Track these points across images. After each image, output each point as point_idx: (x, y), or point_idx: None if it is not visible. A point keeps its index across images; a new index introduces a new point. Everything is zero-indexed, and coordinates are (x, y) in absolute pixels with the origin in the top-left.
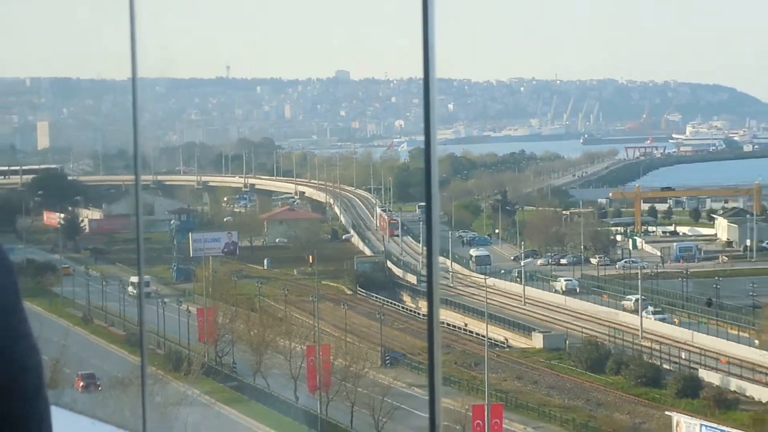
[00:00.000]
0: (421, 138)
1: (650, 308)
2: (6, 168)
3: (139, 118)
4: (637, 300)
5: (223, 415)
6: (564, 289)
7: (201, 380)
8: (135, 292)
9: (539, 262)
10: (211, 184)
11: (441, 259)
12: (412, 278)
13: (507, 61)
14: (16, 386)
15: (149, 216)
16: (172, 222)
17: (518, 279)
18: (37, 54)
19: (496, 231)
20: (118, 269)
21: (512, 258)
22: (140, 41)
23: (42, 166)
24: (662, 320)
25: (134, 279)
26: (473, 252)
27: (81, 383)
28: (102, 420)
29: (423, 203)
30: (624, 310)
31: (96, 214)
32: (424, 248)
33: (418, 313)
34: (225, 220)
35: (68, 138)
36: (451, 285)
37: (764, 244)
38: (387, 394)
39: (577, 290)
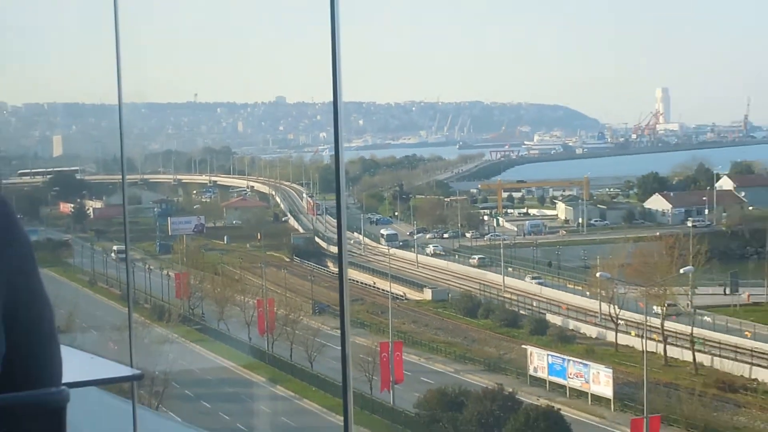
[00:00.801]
0: (349, 146)
1: (509, 269)
2: (30, 171)
3: (128, 132)
4: (480, 258)
5: (194, 351)
6: (432, 252)
7: (177, 326)
8: (115, 257)
9: (428, 236)
10: (184, 181)
11: (356, 235)
12: (333, 249)
13: (402, 87)
14: (34, 331)
15: (138, 205)
16: (155, 209)
17: (413, 249)
18: (52, 84)
19: (396, 213)
20: (114, 244)
21: (408, 234)
22: (126, 75)
23: (57, 169)
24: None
25: (115, 247)
26: (383, 231)
27: None
28: (100, 355)
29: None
30: (471, 265)
31: (98, 204)
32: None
33: (337, 271)
34: (194, 207)
35: (76, 148)
36: (363, 254)
37: (592, 222)
38: (316, 335)
39: (442, 253)
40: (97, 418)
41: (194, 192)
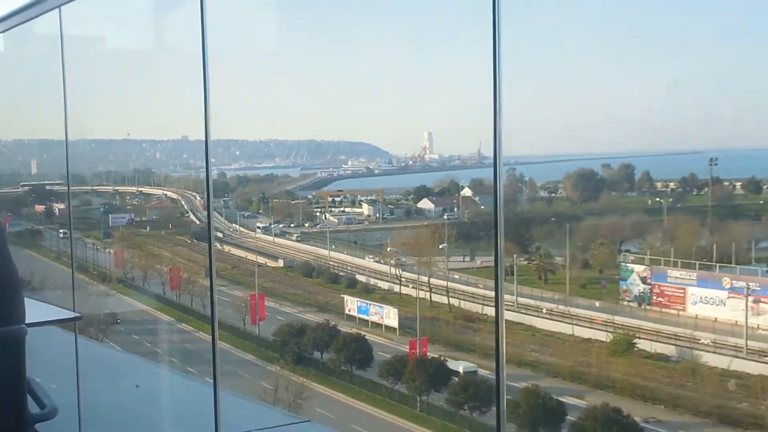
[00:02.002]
0: (224, 167)
1: (333, 246)
2: (19, 184)
3: (81, 158)
4: (297, 236)
5: (125, 301)
6: (268, 232)
7: (115, 285)
8: (62, 236)
9: (281, 226)
10: (120, 190)
11: (234, 225)
12: (220, 234)
13: (263, 128)
14: (3, 285)
15: (89, 206)
16: (101, 209)
17: (272, 234)
18: (28, 124)
19: (260, 211)
20: (62, 229)
21: (268, 224)
22: (79, 117)
23: (33, 183)
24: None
25: (62, 230)
26: (259, 224)
27: None
28: (57, 305)
29: (225, 198)
30: (303, 243)
31: (61, 206)
32: (225, 220)
33: (223, 251)
34: (127, 207)
35: (46, 169)
36: (239, 237)
37: (385, 216)
38: (207, 290)
39: (279, 233)
40: (56, 348)
41: (127, 198)
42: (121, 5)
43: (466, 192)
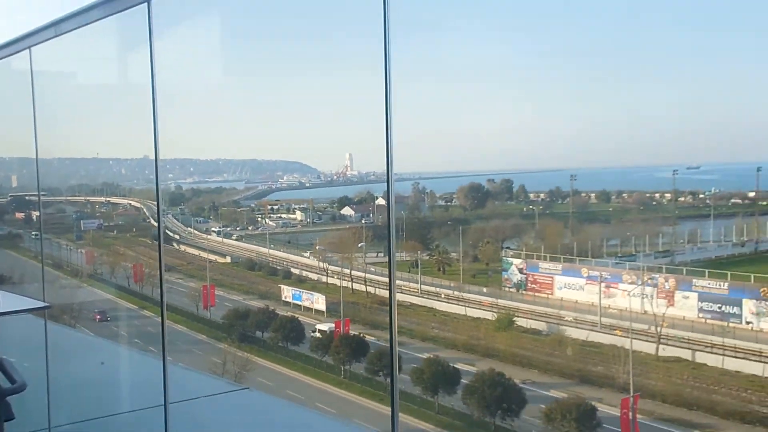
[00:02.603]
0: (180, 181)
1: (271, 246)
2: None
3: (55, 173)
4: (236, 236)
5: (95, 292)
6: (218, 234)
7: (87, 279)
8: (34, 236)
9: (228, 229)
10: (91, 200)
11: (190, 228)
12: (177, 236)
13: (215, 149)
14: None
15: (63, 213)
16: (73, 215)
17: (221, 236)
18: (7, 143)
19: (211, 218)
20: (51, 235)
21: (219, 228)
22: (46, 137)
23: (16, 194)
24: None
25: (34, 232)
26: (215, 229)
27: None
28: (30, 297)
29: (181, 206)
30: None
31: (37, 213)
32: (181, 224)
33: (179, 249)
34: (97, 214)
35: (25, 182)
36: (193, 238)
37: (314, 221)
38: (167, 282)
39: (231, 236)
40: (29, 333)
41: (97, 206)
42: (88, 47)
43: (380, 201)
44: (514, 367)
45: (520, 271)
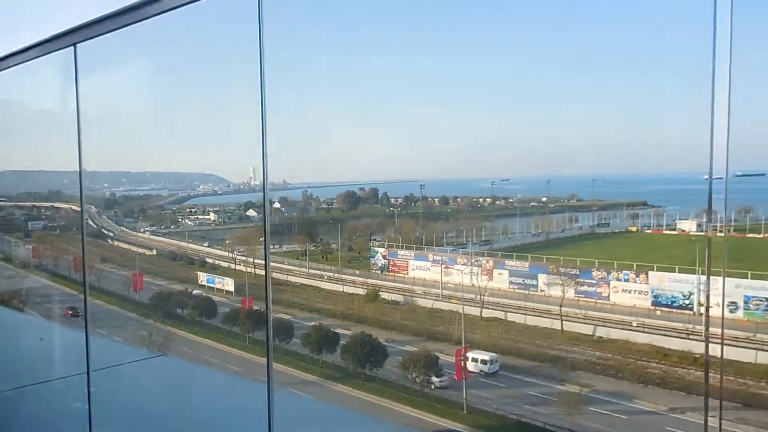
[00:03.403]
0: (114, 189)
1: (190, 240)
2: None
3: (4, 184)
4: (154, 233)
5: (39, 281)
6: (145, 232)
7: (33, 270)
8: None
9: (154, 228)
10: (38, 205)
11: (122, 228)
12: (111, 233)
13: (144, 163)
14: None
15: (13, 216)
16: (22, 218)
17: (148, 233)
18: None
19: (140, 219)
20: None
21: (146, 227)
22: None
23: None
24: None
25: None
26: (143, 228)
27: None
28: None
29: (115, 209)
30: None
31: None
32: (114, 224)
33: (114, 245)
34: (42, 217)
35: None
36: (124, 235)
37: (225, 221)
38: (103, 272)
39: (157, 234)
40: None
41: (42, 210)
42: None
43: (277, 205)
44: (379, 330)
45: (384, 257)
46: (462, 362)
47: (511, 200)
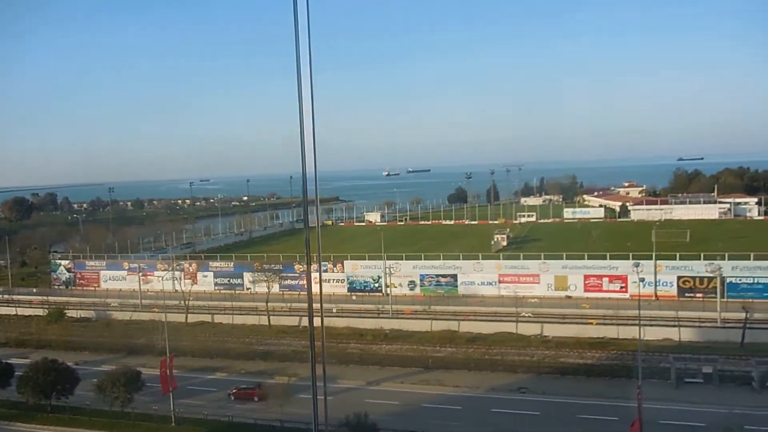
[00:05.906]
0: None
1: None
2: None
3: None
4: None
5: None
6: None
7: None
8: None
9: None
10: None
11: None
12: None
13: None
14: None
15: None
16: None
17: None
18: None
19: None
20: None
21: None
22: None
23: None
24: None
25: None
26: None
27: None
28: None
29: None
30: None
31: None
32: None
33: None
34: None
35: None
36: None
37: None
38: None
39: None
40: None
41: None
42: None
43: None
44: (67, 353)
45: (68, 270)
46: (167, 372)
47: (212, 200)
